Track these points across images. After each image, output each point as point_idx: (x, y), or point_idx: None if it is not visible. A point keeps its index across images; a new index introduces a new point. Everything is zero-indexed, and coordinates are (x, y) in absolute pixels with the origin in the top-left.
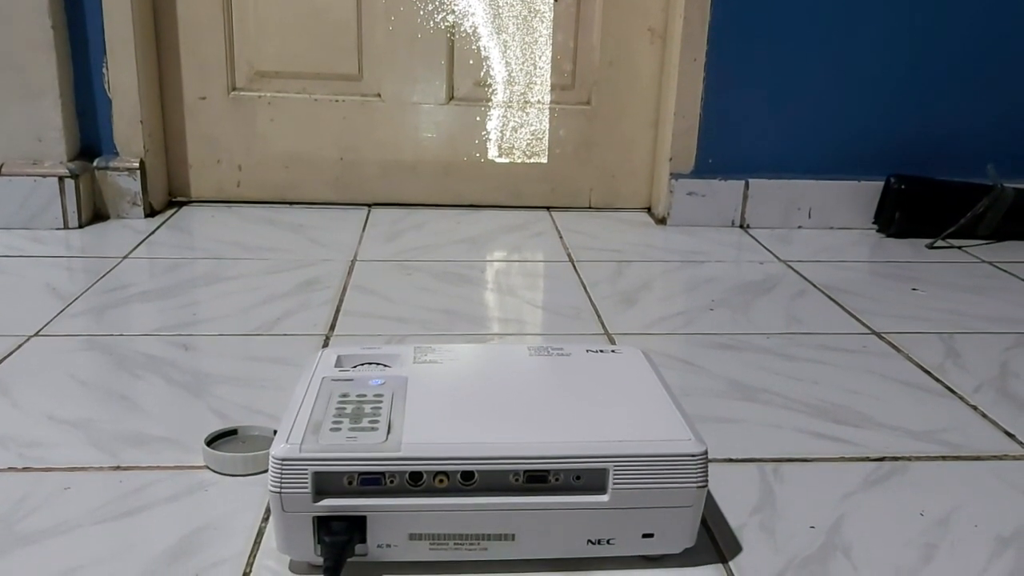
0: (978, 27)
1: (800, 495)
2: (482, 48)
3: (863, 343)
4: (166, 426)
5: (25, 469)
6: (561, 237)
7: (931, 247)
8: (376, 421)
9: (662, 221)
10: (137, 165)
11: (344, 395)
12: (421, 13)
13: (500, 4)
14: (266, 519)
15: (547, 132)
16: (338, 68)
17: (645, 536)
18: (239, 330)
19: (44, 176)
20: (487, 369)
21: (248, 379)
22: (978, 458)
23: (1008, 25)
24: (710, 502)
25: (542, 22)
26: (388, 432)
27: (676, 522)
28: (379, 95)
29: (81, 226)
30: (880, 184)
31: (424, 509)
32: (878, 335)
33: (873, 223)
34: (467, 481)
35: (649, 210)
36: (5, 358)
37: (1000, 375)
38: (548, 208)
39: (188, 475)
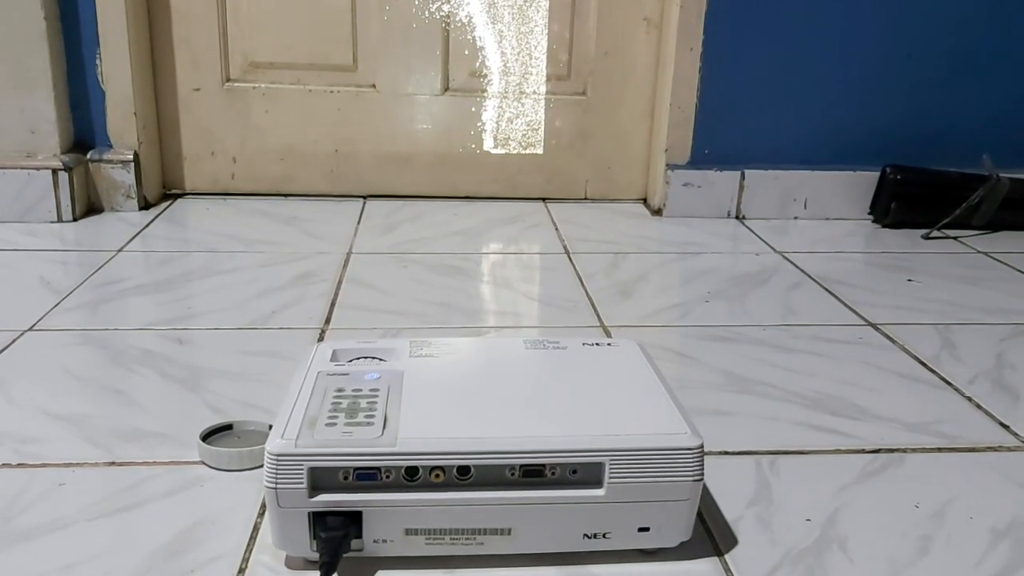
0: (974, 18)
1: (796, 488)
2: (477, 38)
3: (859, 334)
4: (161, 421)
5: (20, 465)
6: (557, 229)
7: (926, 238)
8: (372, 416)
9: (658, 212)
10: (131, 157)
11: (340, 390)
12: (416, 3)
13: None
14: (262, 514)
15: (543, 123)
16: (333, 59)
17: (641, 530)
18: (234, 324)
19: (38, 169)
20: (483, 363)
21: (243, 373)
22: (973, 450)
23: (1004, 16)
24: (706, 495)
25: (537, 11)
26: (384, 427)
27: (672, 516)
28: (374, 86)
29: (75, 219)
30: (876, 174)
31: (420, 504)
32: (874, 326)
33: (869, 214)
34: (463, 476)
35: (645, 201)
36: None
37: (995, 366)
38: (544, 199)
39: (183, 470)
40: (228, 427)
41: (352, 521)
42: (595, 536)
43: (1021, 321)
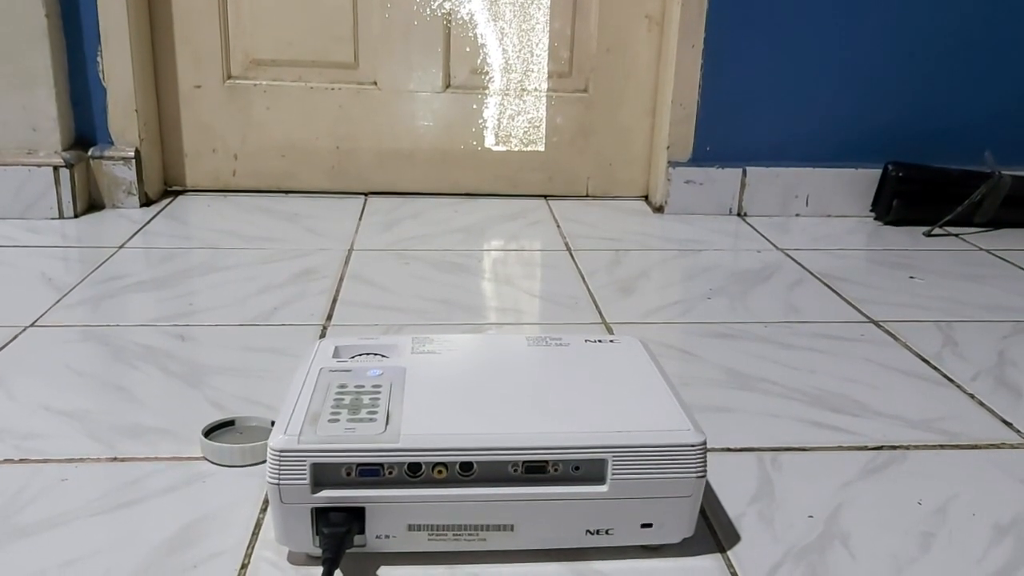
0: (975, 14)
1: (798, 484)
2: (479, 35)
3: (861, 332)
4: (163, 417)
5: (22, 461)
6: (558, 226)
7: (928, 235)
8: (374, 412)
9: (659, 209)
10: (132, 154)
11: (342, 386)
12: (417, 0)
13: None
14: (264, 510)
15: (544, 120)
16: (334, 56)
17: (644, 526)
18: (236, 320)
19: (39, 166)
20: (485, 360)
21: (245, 369)
22: (976, 446)
23: (1006, 13)
24: (708, 492)
25: (539, 9)
26: (386, 423)
27: (675, 512)
28: (375, 83)
29: (76, 216)
30: (878, 172)
31: (423, 500)
32: (876, 323)
33: (870, 211)
34: (466, 472)
35: (647, 198)
36: (1, 349)
37: (998, 363)
38: (545, 196)
39: (185, 466)
40: (230, 423)
41: (355, 517)
42: (598, 532)
43: (1023, 318)
